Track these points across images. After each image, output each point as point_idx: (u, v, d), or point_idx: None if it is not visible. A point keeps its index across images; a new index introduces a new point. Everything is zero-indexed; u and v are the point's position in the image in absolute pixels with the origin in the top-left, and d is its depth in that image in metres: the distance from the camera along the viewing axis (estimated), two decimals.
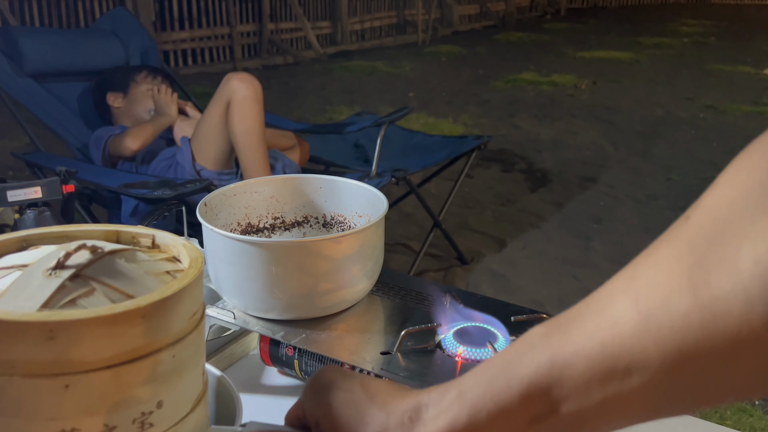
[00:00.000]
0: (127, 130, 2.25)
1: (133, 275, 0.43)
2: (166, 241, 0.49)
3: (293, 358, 0.75)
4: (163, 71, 2.52)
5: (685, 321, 0.30)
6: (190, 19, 6.65)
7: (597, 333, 0.34)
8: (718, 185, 0.33)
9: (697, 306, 0.30)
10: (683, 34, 9.46)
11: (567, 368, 0.34)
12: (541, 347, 0.36)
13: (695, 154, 4.16)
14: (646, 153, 4.24)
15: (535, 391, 0.35)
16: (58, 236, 0.49)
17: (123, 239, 0.49)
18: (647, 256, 0.34)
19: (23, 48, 2.37)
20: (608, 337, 0.33)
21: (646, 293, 0.32)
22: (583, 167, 3.97)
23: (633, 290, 0.33)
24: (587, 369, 0.33)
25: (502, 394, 0.36)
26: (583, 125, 4.88)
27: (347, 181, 0.86)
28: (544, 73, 6.65)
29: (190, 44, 6.64)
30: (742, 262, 0.29)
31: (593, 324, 0.34)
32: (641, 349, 0.32)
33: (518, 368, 0.36)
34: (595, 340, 0.33)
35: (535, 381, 0.35)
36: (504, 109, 5.32)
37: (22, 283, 0.40)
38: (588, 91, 5.98)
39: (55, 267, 0.41)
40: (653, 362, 0.31)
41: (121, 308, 0.38)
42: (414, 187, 2.46)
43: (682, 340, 0.31)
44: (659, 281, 0.32)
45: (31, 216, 1.15)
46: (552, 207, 3.35)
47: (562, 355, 0.34)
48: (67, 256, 0.41)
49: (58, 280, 0.40)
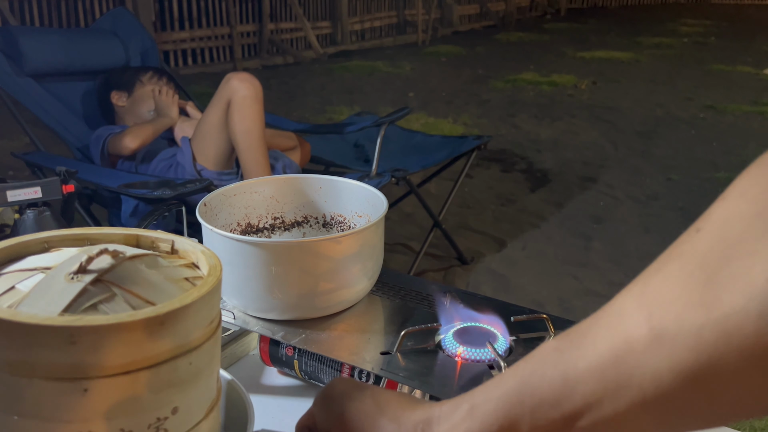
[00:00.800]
0: (127, 128, 2.26)
1: (153, 281, 0.43)
2: (185, 247, 0.49)
3: (293, 358, 0.75)
4: (169, 74, 2.52)
5: (698, 338, 0.30)
6: (190, 19, 6.65)
7: (609, 350, 0.34)
8: (730, 197, 0.32)
9: (710, 323, 0.30)
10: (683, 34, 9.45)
11: (579, 384, 0.34)
12: (553, 363, 0.36)
13: (695, 154, 4.16)
14: (646, 153, 4.24)
15: (548, 408, 0.35)
16: (80, 238, 0.49)
17: (143, 244, 0.50)
18: (657, 270, 0.34)
19: (23, 48, 2.37)
20: (621, 355, 0.33)
21: (658, 310, 0.32)
22: (583, 167, 3.96)
23: (645, 306, 0.33)
24: (600, 385, 0.34)
25: (514, 409, 0.37)
26: (583, 125, 4.88)
27: (347, 181, 0.86)
28: (544, 73, 6.65)
29: (190, 44, 6.64)
30: (755, 278, 0.29)
31: (605, 340, 0.34)
32: (654, 366, 0.32)
33: (530, 384, 0.36)
34: (607, 357, 0.34)
35: (548, 397, 0.35)
36: (504, 109, 5.32)
37: (44, 286, 0.40)
38: (588, 91, 5.98)
39: (77, 271, 0.41)
40: (666, 380, 0.32)
41: (142, 315, 0.38)
42: (414, 187, 2.46)
43: (695, 358, 0.30)
44: (671, 297, 0.32)
45: (31, 216, 1.15)
46: (552, 207, 3.35)
47: (575, 372, 0.35)
48: (89, 260, 0.41)
49: (79, 284, 0.40)
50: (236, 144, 2.07)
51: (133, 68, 2.54)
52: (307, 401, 0.77)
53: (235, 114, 2.04)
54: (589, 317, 0.36)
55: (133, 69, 2.52)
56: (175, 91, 2.46)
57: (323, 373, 0.74)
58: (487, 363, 0.64)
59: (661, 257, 0.34)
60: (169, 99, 2.38)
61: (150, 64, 2.69)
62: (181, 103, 2.44)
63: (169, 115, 2.33)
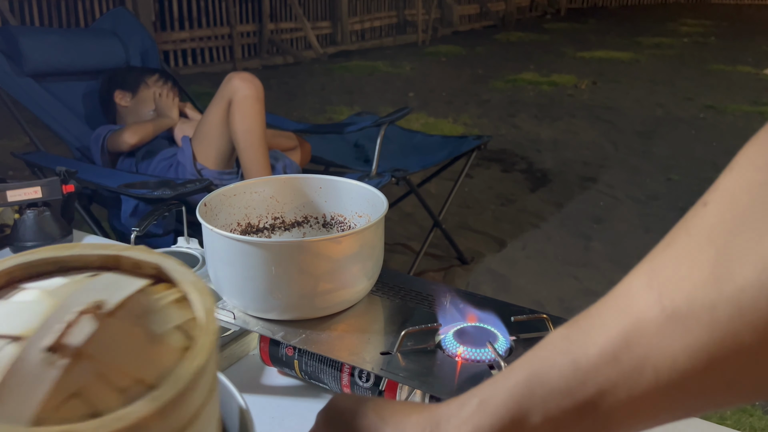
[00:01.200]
0: (127, 125, 2.26)
1: (141, 347, 0.37)
2: (174, 275, 0.42)
3: (293, 358, 0.75)
4: (173, 78, 2.52)
5: (712, 316, 0.29)
6: (190, 19, 6.65)
7: (621, 333, 0.32)
8: (737, 167, 0.31)
9: (722, 299, 0.29)
10: (683, 34, 9.45)
11: (591, 371, 0.33)
12: (562, 351, 0.35)
13: (695, 154, 4.16)
14: (646, 153, 4.24)
15: (560, 397, 0.34)
16: (49, 263, 0.43)
17: (124, 266, 0.43)
18: (666, 247, 0.33)
19: (23, 48, 2.37)
20: (633, 337, 0.32)
21: (668, 289, 0.31)
22: (583, 167, 3.97)
23: (655, 286, 0.32)
24: (613, 371, 0.33)
25: (524, 400, 0.35)
26: (583, 125, 4.88)
27: (347, 181, 0.86)
28: (544, 73, 6.65)
29: (190, 44, 6.64)
30: (766, 250, 0.28)
31: (615, 323, 0.33)
32: (668, 347, 0.31)
33: (540, 373, 0.35)
34: (618, 341, 0.32)
35: (559, 386, 0.34)
36: (504, 109, 5.32)
37: (14, 374, 0.34)
38: (588, 91, 5.98)
39: (53, 348, 0.34)
40: (680, 361, 0.31)
41: (134, 417, 0.32)
42: (414, 187, 2.46)
43: (709, 337, 0.29)
44: (681, 275, 0.31)
45: (31, 216, 1.15)
46: (552, 207, 3.35)
47: (586, 358, 0.33)
48: (67, 330, 0.35)
49: (56, 370, 0.34)
50: (237, 143, 2.07)
51: (139, 69, 2.54)
52: (307, 401, 0.77)
53: (236, 113, 2.04)
54: (597, 302, 0.35)
55: (138, 70, 2.52)
56: (176, 94, 2.46)
57: (323, 373, 0.74)
58: (487, 363, 0.64)
59: (669, 234, 0.33)
60: (169, 101, 2.38)
61: (150, 64, 2.69)
62: (180, 105, 2.44)
63: (170, 116, 2.34)
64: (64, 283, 0.41)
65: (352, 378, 0.72)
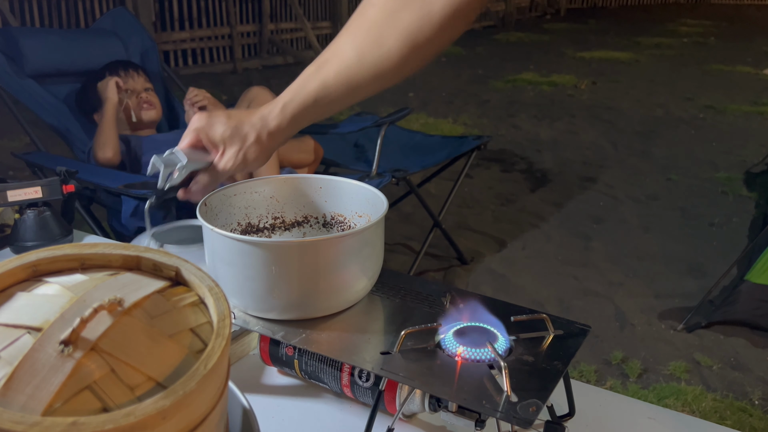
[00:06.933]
0: (93, 141, 2.20)
1: (155, 345, 0.37)
2: (191, 278, 0.43)
3: (293, 358, 0.75)
4: (134, 64, 2.43)
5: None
6: (190, 19, 6.65)
7: (343, 67, 0.75)
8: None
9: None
10: (683, 34, 9.46)
11: (329, 86, 0.76)
12: (316, 75, 0.76)
13: (695, 154, 4.16)
14: (646, 153, 4.24)
15: (315, 97, 0.76)
16: (72, 259, 0.43)
17: (144, 266, 0.44)
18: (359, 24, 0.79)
19: (24, 48, 2.36)
20: (353, 66, 0.75)
21: (360, 42, 0.76)
22: (583, 167, 3.97)
23: (354, 43, 0.77)
24: (341, 81, 0.75)
25: (302, 101, 0.77)
26: (583, 125, 4.88)
27: (347, 181, 0.86)
28: (544, 73, 6.65)
29: (190, 44, 6.64)
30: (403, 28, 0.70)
31: (338, 61, 0.76)
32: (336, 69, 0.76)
33: (307, 88, 0.76)
34: (342, 69, 0.75)
35: (314, 93, 0.76)
36: (504, 109, 5.32)
37: (30, 364, 0.35)
38: (588, 91, 5.98)
39: (69, 341, 0.35)
40: (343, 74, 0.76)
41: (141, 413, 0.32)
42: (414, 187, 2.46)
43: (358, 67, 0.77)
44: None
45: (31, 216, 1.15)
46: (552, 207, 3.35)
47: (327, 79, 0.76)
48: (82, 325, 0.35)
49: (71, 361, 0.34)
50: None
51: (92, 86, 2.35)
52: (307, 401, 0.77)
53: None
54: (325, 53, 0.78)
55: (92, 88, 2.34)
56: (137, 77, 2.35)
57: (323, 373, 0.74)
58: (487, 363, 0.64)
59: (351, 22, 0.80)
60: (104, 83, 2.26)
61: (150, 65, 2.68)
62: (211, 100, 2.30)
63: (107, 96, 2.22)
64: (85, 280, 0.41)
65: (352, 378, 0.72)
